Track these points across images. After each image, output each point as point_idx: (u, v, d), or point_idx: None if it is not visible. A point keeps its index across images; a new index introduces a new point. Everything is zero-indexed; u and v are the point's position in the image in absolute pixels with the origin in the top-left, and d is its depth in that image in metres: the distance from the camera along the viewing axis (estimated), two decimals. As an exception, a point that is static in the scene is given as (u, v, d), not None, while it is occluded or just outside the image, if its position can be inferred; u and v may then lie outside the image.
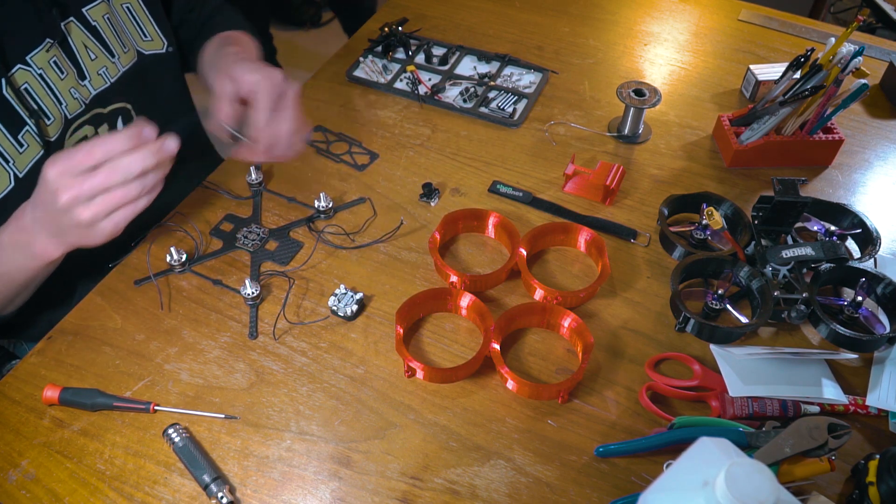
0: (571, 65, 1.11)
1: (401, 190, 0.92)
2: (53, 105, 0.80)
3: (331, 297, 0.78)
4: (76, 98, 0.83)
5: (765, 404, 0.69)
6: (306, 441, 0.69)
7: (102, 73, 0.86)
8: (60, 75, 0.80)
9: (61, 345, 0.76)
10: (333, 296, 0.78)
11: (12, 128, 0.76)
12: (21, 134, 0.77)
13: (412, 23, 1.18)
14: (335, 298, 0.78)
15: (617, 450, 0.67)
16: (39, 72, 0.78)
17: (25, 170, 0.78)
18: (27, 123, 0.77)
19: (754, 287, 0.77)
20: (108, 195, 0.65)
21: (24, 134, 0.77)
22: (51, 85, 0.80)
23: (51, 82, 0.80)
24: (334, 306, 0.78)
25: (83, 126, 0.85)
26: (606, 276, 0.79)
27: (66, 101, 0.82)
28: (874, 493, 0.61)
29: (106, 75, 0.86)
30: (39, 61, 0.78)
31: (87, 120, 0.85)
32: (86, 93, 0.84)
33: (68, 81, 0.82)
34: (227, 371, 0.74)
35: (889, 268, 0.82)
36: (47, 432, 0.69)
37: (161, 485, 0.66)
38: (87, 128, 0.85)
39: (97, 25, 0.84)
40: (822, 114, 0.91)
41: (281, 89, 0.78)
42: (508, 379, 0.71)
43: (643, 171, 0.95)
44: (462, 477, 0.66)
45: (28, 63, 0.77)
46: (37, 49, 0.78)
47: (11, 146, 0.76)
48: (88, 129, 0.86)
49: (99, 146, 0.64)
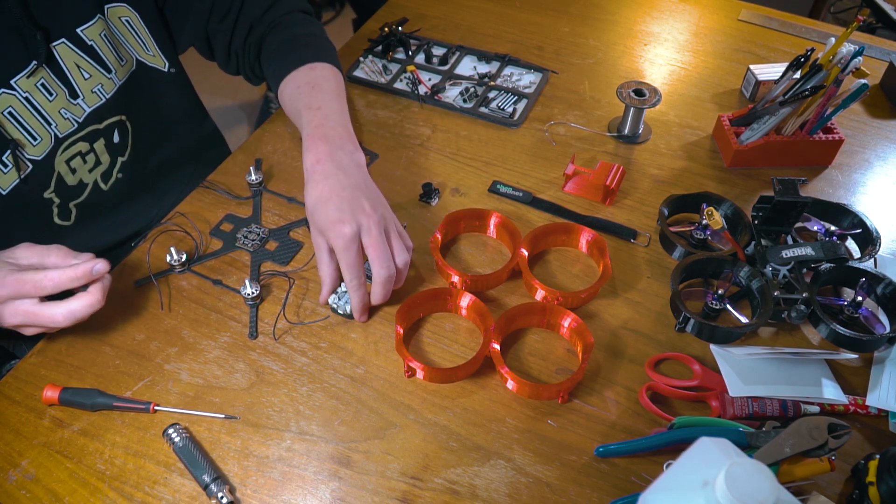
0: (571, 65, 1.11)
1: (401, 190, 0.92)
2: (41, 126, 0.79)
3: (331, 296, 0.78)
4: (67, 118, 0.82)
5: (765, 404, 0.69)
6: (306, 441, 0.69)
7: (97, 91, 0.84)
8: (49, 97, 0.79)
9: (61, 345, 0.76)
10: (334, 294, 0.78)
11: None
12: (4, 155, 0.77)
13: (412, 23, 1.18)
14: (336, 297, 0.78)
15: (617, 450, 0.67)
16: (25, 95, 0.77)
17: (9, 188, 0.78)
18: (10, 145, 0.77)
19: (754, 287, 0.77)
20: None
21: (7, 156, 0.77)
22: (38, 107, 0.79)
23: (38, 105, 0.79)
24: (334, 304, 0.78)
25: (77, 143, 0.84)
26: (608, 277, 0.79)
27: (56, 121, 0.81)
28: (874, 493, 0.61)
29: (101, 92, 0.85)
30: (24, 85, 0.77)
31: (82, 137, 0.84)
32: (79, 111, 0.83)
33: (58, 102, 0.80)
34: (227, 371, 0.74)
35: (889, 268, 0.82)
36: (47, 432, 0.69)
37: (161, 485, 0.66)
38: (82, 144, 0.85)
39: (93, 44, 0.83)
40: (822, 114, 0.91)
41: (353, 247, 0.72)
42: (508, 379, 0.71)
43: (643, 171, 0.95)
44: (462, 477, 0.66)
45: (13, 87, 0.76)
46: (21, 73, 0.77)
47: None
48: (83, 145, 0.85)
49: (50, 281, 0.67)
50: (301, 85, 0.88)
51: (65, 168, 0.84)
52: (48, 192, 0.83)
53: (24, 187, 0.80)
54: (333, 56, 0.93)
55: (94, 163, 0.87)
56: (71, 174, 0.85)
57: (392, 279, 0.74)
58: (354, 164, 0.78)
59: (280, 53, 0.92)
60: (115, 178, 0.91)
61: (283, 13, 0.95)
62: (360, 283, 0.73)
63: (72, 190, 0.86)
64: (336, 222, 0.71)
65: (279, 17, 0.95)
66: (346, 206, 0.72)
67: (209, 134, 1.10)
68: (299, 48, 0.92)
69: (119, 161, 0.91)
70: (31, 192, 0.81)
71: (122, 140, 0.90)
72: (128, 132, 0.91)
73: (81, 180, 0.87)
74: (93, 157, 0.87)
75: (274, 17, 0.95)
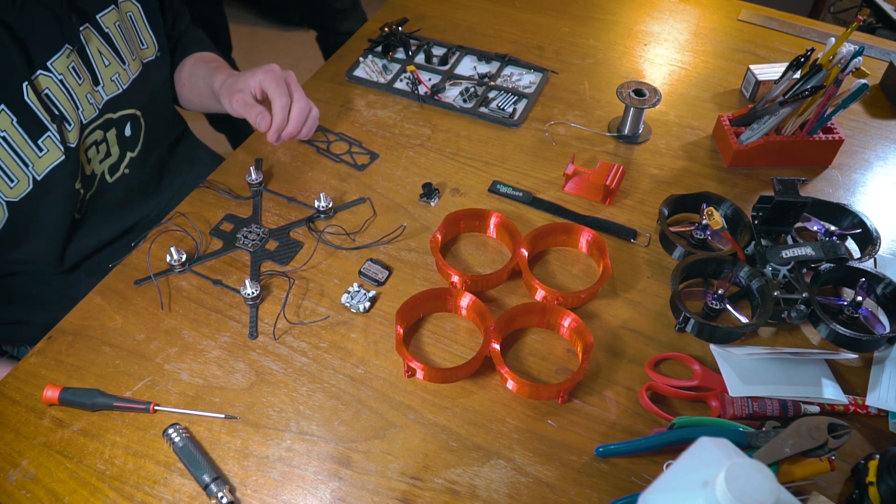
0: (571, 65, 1.11)
1: (401, 190, 0.92)
2: (73, 110, 0.81)
3: (344, 295, 0.79)
4: (91, 103, 0.83)
5: (765, 404, 0.69)
6: (306, 441, 0.69)
7: (115, 80, 0.86)
8: (78, 81, 0.81)
9: (61, 345, 0.76)
10: (346, 293, 0.79)
11: (33, 133, 0.76)
12: (42, 139, 0.77)
13: (412, 23, 1.18)
14: (348, 296, 0.79)
15: (617, 450, 0.67)
16: (60, 77, 0.79)
17: (44, 174, 0.78)
18: (49, 129, 0.77)
19: (754, 287, 0.77)
20: None
21: (45, 139, 0.77)
22: (70, 90, 0.80)
23: (70, 88, 0.80)
24: (347, 303, 0.79)
25: (95, 130, 0.85)
26: (608, 277, 0.79)
27: (83, 106, 0.82)
28: (874, 493, 0.61)
29: (118, 81, 0.87)
30: (60, 67, 0.78)
31: (99, 125, 0.85)
32: (99, 98, 0.85)
33: (85, 87, 0.82)
34: (227, 371, 0.74)
35: (889, 268, 0.82)
36: (47, 432, 0.69)
37: (161, 485, 0.66)
38: (98, 132, 0.86)
39: (109, 32, 0.85)
40: (822, 114, 0.91)
41: (282, 76, 0.87)
42: (508, 379, 0.71)
43: (643, 171, 0.95)
44: (462, 477, 0.66)
45: (49, 69, 0.78)
46: (57, 55, 0.78)
47: (31, 151, 0.77)
48: (98, 133, 0.86)
49: None
50: (201, 57, 1.03)
51: (84, 157, 0.84)
52: (77, 182, 0.83)
53: (57, 174, 0.80)
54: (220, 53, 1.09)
55: (104, 153, 0.88)
56: (87, 164, 0.85)
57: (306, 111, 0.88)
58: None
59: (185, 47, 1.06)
60: (121, 172, 0.92)
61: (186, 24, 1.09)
62: (286, 103, 0.86)
63: (87, 181, 0.87)
64: (265, 67, 0.88)
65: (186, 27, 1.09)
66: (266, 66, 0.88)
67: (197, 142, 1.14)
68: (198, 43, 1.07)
69: (128, 156, 0.92)
70: (62, 180, 0.81)
71: (133, 134, 0.92)
72: (140, 128, 0.92)
73: (93, 171, 0.87)
74: (104, 147, 0.88)
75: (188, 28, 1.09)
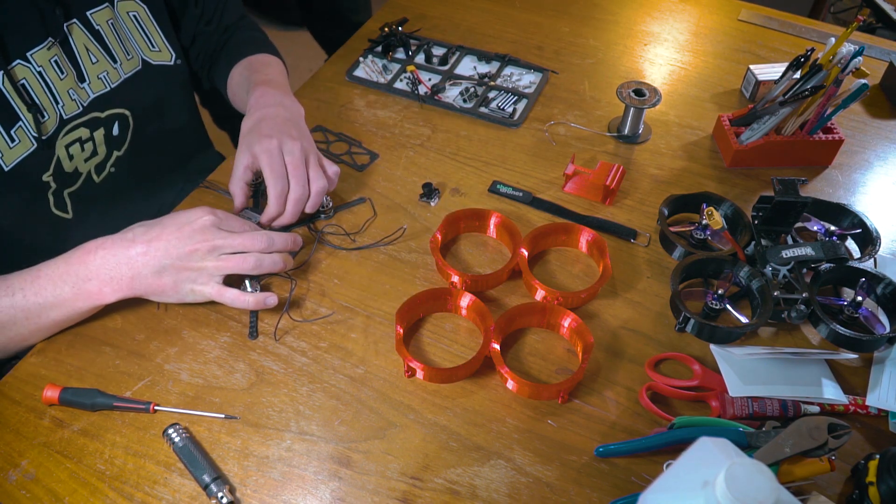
0: (571, 65, 1.11)
1: (401, 190, 0.92)
2: (50, 104, 0.80)
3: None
4: (74, 100, 0.83)
5: (765, 404, 0.69)
6: (306, 441, 0.69)
7: (103, 78, 0.86)
8: (60, 75, 0.80)
9: (61, 345, 0.76)
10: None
11: (6, 122, 0.76)
12: (14, 129, 0.77)
13: (412, 23, 1.18)
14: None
15: (617, 450, 0.67)
16: (39, 69, 0.78)
17: (13, 164, 0.78)
18: (21, 119, 0.77)
19: (754, 287, 0.77)
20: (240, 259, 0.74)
21: (17, 129, 0.77)
22: (49, 84, 0.80)
23: (49, 81, 0.80)
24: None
25: (78, 128, 0.84)
26: (608, 277, 0.79)
27: (64, 101, 0.82)
28: (874, 493, 0.61)
29: (106, 80, 0.86)
30: (40, 59, 0.78)
31: (84, 122, 0.85)
32: (84, 95, 0.84)
33: (67, 82, 0.81)
34: (227, 371, 0.74)
35: (889, 268, 0.82)
36: (47, 432, 0.69)
37: (161, 485, 0.66)
38: (83, 130, 0.85)
39: (100, 30, 0.85)
40: (822, 114, 0.91)
41: (279, 154, 0.81)
42: (508, 379, 0.71)
43: (643, 171, 0.95)
44: (462, 477, 0.66)
45: (28, 59, 0.78)
46: (38, 47, 0.78)
47: (2, 140, 0.76)
48: (83, 131, 0.85)
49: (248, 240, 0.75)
50: (250, 63, 1.00)
51: (64, 153, 0.84)
52: (47, 174, 0.83)
53: (26, 165, 0.79)
54: (276, 50, 1.06)
55: (90, 152, 0.88)
56: (68, 160, 0.85)
57: (304, 199, 0.82)
58: (293, 106, 0.89)
59: (238, 49, 1.04)
60: (107, 171, 0.91)
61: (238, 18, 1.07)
62: (282, 191, 0.81)
63: (67, 177, 0.86)
64: (265, 137, 0.82)
65: (238, 21, 1.07)
66: (276, 129, 0.83)
67: (204, 144, 1.13)
68: (250, 44, 1.04)
69: (114, 155, 0.91)
70: (31, 171, 0.81)
71: (121, 134, 0.91)
72: (128, 128, 0.92)
73: (77, 168, 0.87)
74: (91, 145, 0.87)
75: (239, 23, 1.07)
